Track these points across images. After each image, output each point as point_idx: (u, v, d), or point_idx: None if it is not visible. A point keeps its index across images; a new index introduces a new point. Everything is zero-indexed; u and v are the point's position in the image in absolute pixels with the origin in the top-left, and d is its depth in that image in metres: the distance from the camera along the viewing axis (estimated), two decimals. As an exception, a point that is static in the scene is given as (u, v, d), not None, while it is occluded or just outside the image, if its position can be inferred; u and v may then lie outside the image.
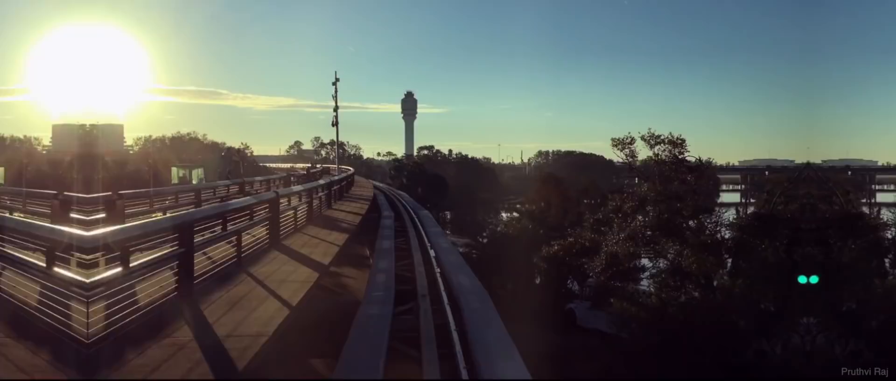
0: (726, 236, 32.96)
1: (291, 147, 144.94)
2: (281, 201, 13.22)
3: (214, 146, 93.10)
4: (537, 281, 43.02)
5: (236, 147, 44.49)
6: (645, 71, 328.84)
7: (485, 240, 56.11)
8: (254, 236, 11.54)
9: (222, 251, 9.64)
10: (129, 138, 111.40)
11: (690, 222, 33.34)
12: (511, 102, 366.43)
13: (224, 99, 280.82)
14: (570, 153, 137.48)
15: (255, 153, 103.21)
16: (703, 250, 30.52)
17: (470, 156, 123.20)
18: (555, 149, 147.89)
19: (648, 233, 33.79)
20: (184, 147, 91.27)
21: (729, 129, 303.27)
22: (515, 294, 34.26)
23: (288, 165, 79.32)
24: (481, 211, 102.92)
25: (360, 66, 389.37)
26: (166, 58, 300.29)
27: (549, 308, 34.08)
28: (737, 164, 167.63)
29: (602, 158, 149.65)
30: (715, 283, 30.74)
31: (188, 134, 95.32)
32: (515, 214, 56.82)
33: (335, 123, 45.07)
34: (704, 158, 38.24)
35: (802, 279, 24.20)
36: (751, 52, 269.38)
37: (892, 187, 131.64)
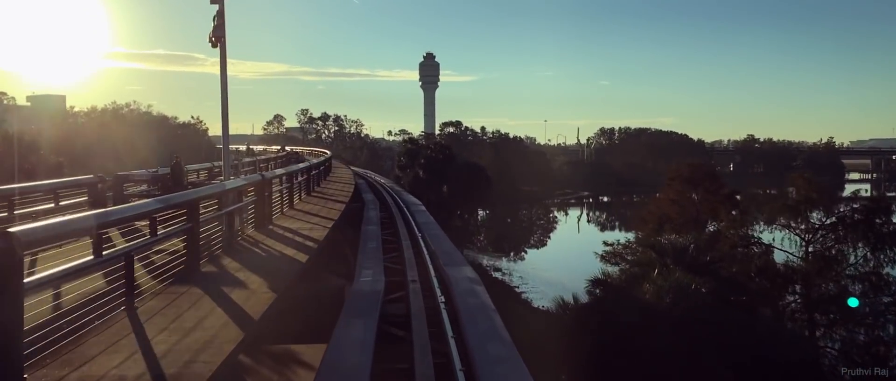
0: None
1: (270, 123, 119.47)
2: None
3: (163, 121, 72.29)
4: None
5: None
6: (727, 31, 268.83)
7: (569, 296, 28.37)
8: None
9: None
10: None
11: None
12: (557, 68, 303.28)
13: (201, 65, 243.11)
14: (642, 132, 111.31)
15: (210, 132, 78.36)
16: None
17: (512, 135, 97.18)
18: (620, 126, 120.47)
19: None
20: (120, 121, 69.74)
21: (845, 105, 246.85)
22: None
23: (260, 148, 60.69)
24: (527, 212, 78.23)
25: (368, 22, 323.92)
26: (130, 14, 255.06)
27: None
28: (849, 144, 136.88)
29: (685, 137, 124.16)
30: None
31: (127, 105, 72.69)
32: (638, 249, 29.73)
33: (215, 39, 15.60)
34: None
35: None
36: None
37: None
